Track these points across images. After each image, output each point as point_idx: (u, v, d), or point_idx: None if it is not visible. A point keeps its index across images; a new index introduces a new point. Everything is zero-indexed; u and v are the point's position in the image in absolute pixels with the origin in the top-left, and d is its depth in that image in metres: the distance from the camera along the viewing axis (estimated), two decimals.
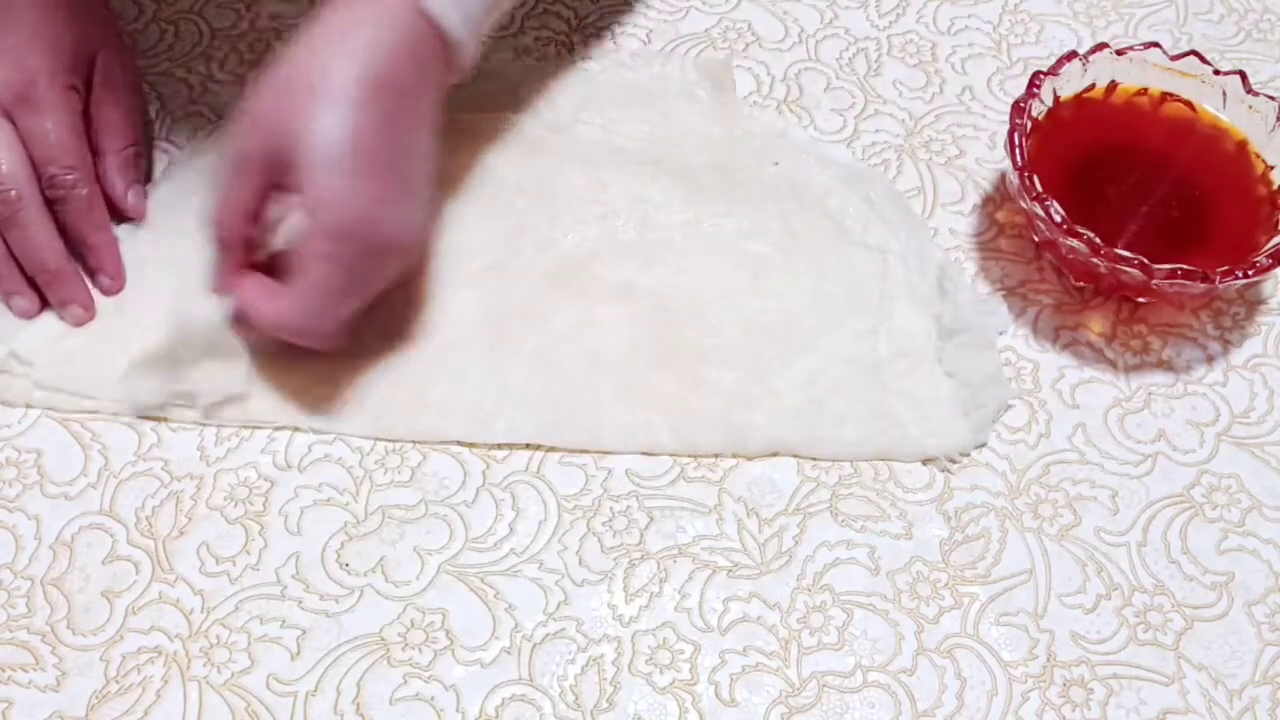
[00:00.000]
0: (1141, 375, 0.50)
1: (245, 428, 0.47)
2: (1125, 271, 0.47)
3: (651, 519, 0.46)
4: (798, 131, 0.56)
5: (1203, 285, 0.46)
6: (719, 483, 0.47)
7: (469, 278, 0.50)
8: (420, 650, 0.43)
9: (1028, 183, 0.48)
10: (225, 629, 0.43)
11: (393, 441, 0.47)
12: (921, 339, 0.49)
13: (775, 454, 0.47)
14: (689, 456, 0.47)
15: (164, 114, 0.57)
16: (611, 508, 0.46)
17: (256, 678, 0.42)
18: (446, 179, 0.50)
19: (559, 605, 0.44)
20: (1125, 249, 0.47)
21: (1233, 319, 0.51)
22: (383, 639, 0.43)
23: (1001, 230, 0.54)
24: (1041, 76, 0.51)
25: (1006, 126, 0.50)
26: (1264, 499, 0.47)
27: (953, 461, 0.47)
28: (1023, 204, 0.49)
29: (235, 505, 0.46)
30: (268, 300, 0.44)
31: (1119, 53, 0.52)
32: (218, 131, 0.56)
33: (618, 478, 0.47)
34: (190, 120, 0.57)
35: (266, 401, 0.47)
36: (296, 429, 0.47)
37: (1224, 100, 0.52)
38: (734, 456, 0.47)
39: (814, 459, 0.47)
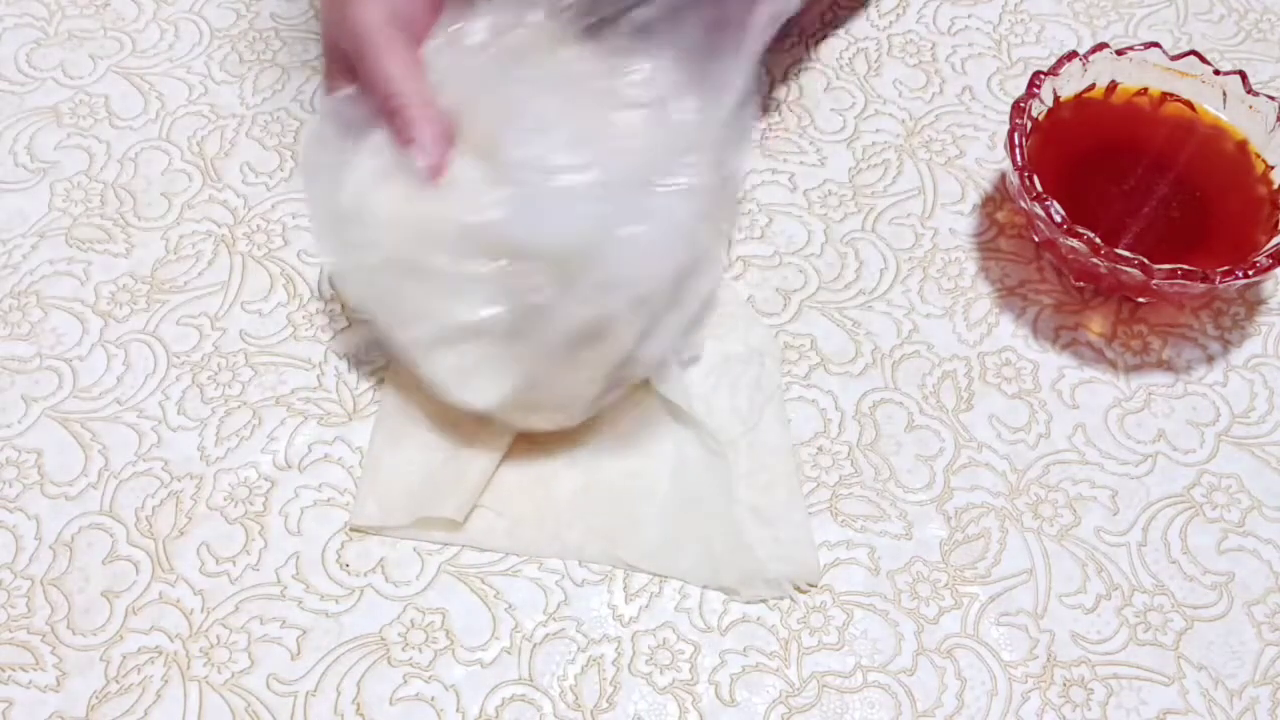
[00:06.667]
0: (1141, 375, 0.50)
1: (246, 427, 0.48)
2: (1125, 271, 0.47)
3: None
4: None
5: (1203, 285, 0.46)
6: None
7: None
8: (420, 650, 0.43)
9: (1028, 183, 0.48)
10: (225, 629, 0.43)
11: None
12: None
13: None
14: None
15: (164, 114, 0.57)
16: None
17: (256, 678, 0.42)
18: None
19: (559, 605, 0.44)
20: (1125, 249, 0.47)
21: (1233, 319, 0.51)
22: (383, 639, 0.43)
23: (1001, 230, 0.54)
24: (1041, 76, 0.51)
25: (1006, 126, 0.50)
26: (1264, 499, 0.47)
27: (799, 590, 0.45)
28: (1023, 204, 0.49)
29: (235, 505, 0.46)
30: None
31: (1119, 53, 0.52)
32: (216, 131, 0.56)
33: None
34: (190, 120, 0.57)
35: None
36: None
37: (1224, 100, 0.52)
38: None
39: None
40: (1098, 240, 0.47)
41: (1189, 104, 0.53)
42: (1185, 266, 0.46)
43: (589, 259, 0.41)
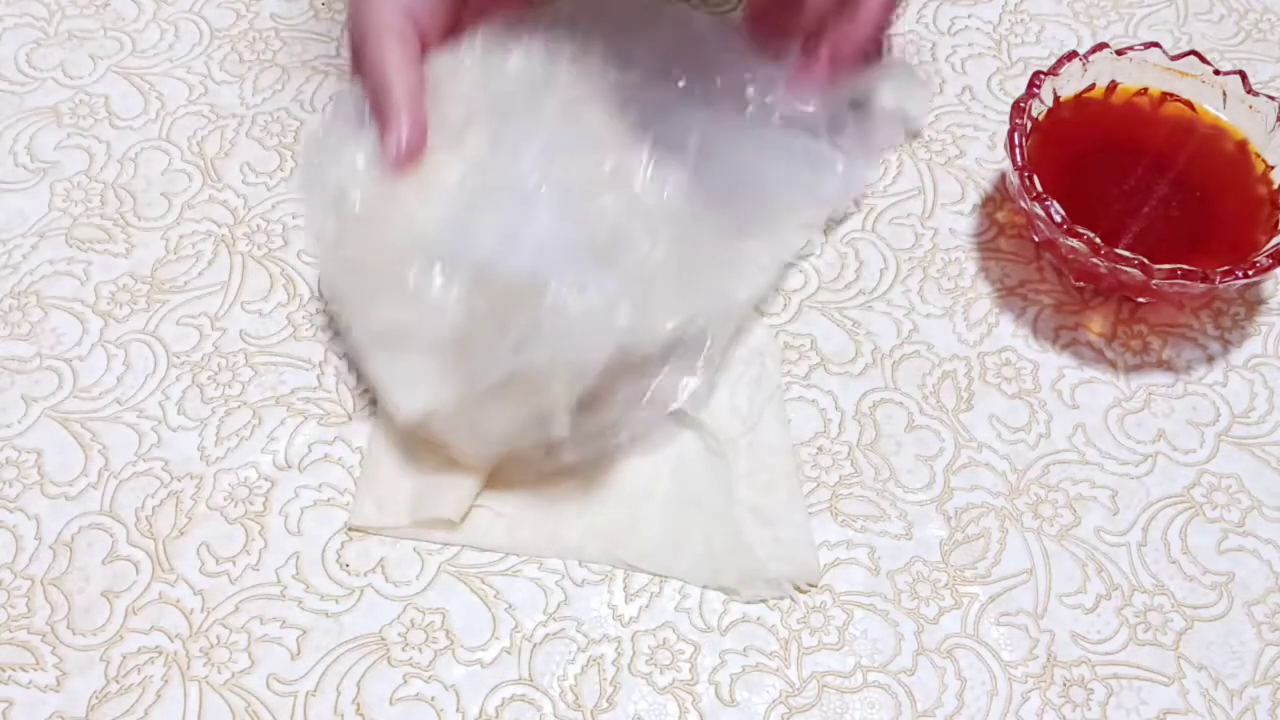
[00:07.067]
0: (1141, 375, 0.50)
1: (246, 427, 0.48)
2: (1125, 271, 0.47)
3: None
4: None
5: (1203, 285, 0.46)
6: None
7: None
8: (420, 650, 0.43)
9: (1028, 183, 0.48)
10: (225, 629, 0.43)
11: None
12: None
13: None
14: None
15: (164, 114, 0.57)
16: None
17: (256, 678, 0.42)
18: None
19: (559, 605, 0.44)
20: (1125, 249, 0.47)
21: (1233, 319, 0.51)
22: (383, 639, 0.43)
23: (1001, 230, 0.54)
24: (1041, 76, 0.51)
25: (1006, 126, 0.50)
26: (1264, 499, 0.47)
27: (800, 590, 0.45)
28: (1023, 204, 0.49)
29: (235, 505, 0.46)
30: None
31: (1119, 53, 0.52)
32: (218, 130, 0.56)
33: None
34: (190, 120, 0.57)
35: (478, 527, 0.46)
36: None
37: (1224, 100, 0.52)
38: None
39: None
40: (1098, 240, 0.47)
41: (1189, 104, 0.53)
42: (1185, 266, 0.46)
43: (516, 304, 0.40)
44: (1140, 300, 0.50)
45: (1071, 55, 0.52)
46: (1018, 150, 0.49)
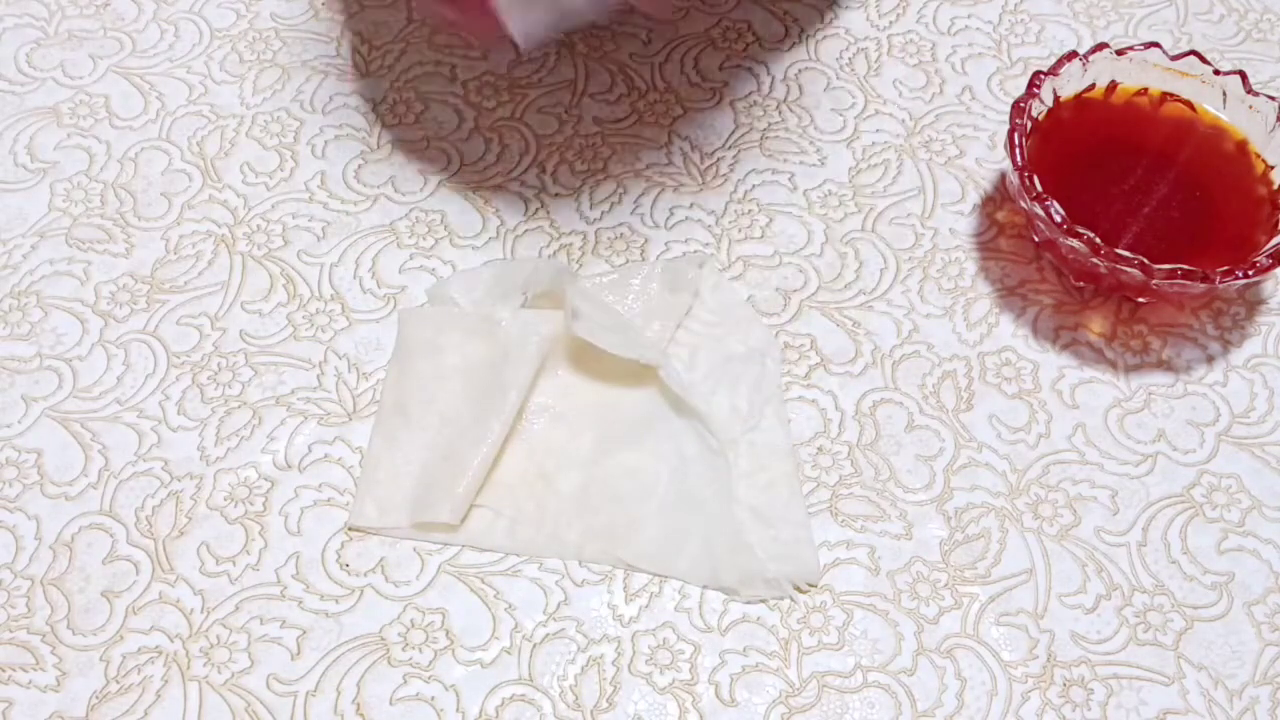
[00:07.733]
0: (1141, 375, 0.50)
1: (246, 427, 0.48)
2: (1125, 271, 0.47)
3: None
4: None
5: (1203, 285, 0.46)
6: None
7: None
8: (420, 650, 0.43)
9: (1028, 183, 0.48)
10: (225, 629, 0.43)
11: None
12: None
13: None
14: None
15: (164, 114, 0.57)
16: None
17: (256, 678, 0.42)
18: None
19: (559, 605, 0.44)
20: (1125, 249, 0.47)
21: (1233, 319, 0.51)
22: (383, 639, 0.43)
23: (1001, 230, 0.54)
24: (1041, 76, 0.51)
25: (1006, 126, 0.50)
26: (1264, 499, 0.47)
27: (799, 590, 0.45)
28: (1023, 204, 0.49)
29: (235, 505, 0.46)
30: None
31: (1119, 53, 0.52)
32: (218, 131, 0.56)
33: None
34: (190, 120, 0.57)
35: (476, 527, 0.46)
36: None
37: (1224, 100, 0.52)
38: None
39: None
40: (1098, 240, 0.47)
41: (1189, 104, 0.53)
42: (1185, 266, 0.46)
43: None
44: (1140, 300, 0.50)
45: (1071, 55, 0.52)
46: (1018, 150, 0.49)
